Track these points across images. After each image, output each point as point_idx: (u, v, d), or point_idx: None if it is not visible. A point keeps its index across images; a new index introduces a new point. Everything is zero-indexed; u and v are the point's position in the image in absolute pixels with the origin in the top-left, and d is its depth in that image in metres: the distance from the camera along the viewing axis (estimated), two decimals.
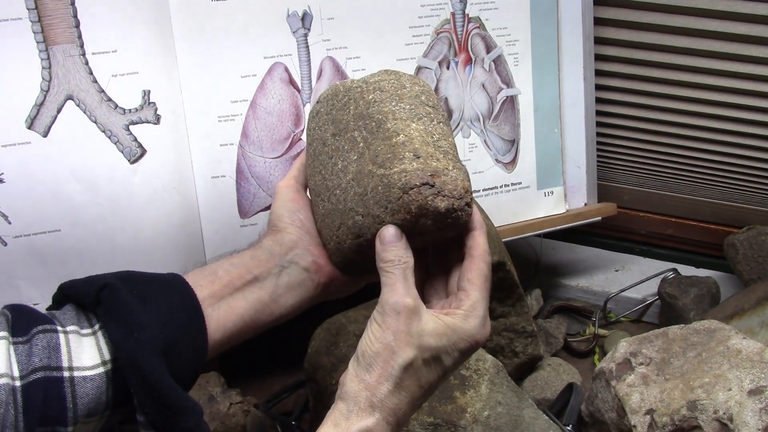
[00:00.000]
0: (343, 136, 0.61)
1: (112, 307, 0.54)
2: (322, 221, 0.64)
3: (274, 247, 0.63)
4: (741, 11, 0.92)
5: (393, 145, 0.56)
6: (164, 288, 0.58)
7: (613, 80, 1.07)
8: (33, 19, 0.73)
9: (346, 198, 0.60)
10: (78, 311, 0.55)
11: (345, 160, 0.60)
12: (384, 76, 0.61)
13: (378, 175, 0.56)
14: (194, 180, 0.83)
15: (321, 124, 0.64)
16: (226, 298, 0.60)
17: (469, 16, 0.95)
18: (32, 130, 0.75)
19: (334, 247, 0.62)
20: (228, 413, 0.85)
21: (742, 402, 0.65)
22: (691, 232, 1.18)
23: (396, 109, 0.58)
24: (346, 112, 0.61)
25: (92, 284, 0.55)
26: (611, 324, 1.12)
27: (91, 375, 0.52)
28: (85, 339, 0.53)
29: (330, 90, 0.64)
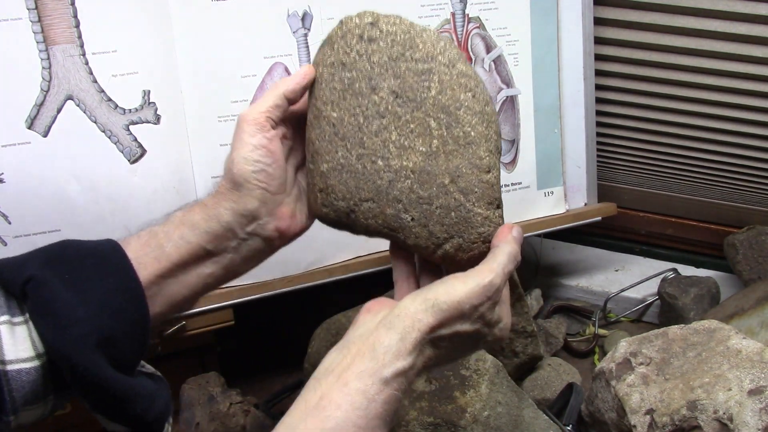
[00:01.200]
0: (411, 110, 0.56)
1: (39, 302, 0.50)
2: (330, 167, 0.57)
3: (235, 219, 0.56)
4: (741, 11, 0.92)
5: (483, 181, 0.56)
6: (101, 268, 0.53)
7: (613, 80, 1.07)
8: (33, 19, 0.73)
9: (394, 182, 0.56)
10: (8, 297, 0.52)
11: (406, 139, 0.56)
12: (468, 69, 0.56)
13: (457, 199, 0.56)
14: (194, 180, 0.83)
15: (373, 57, 0.56)
16: (176, 275, 0.56)
17: (469, 16, 0.95)
18: (32, 130, 0.75)
19: (338, 205, 0.58)
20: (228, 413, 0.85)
21: (742, 402, 0.65)
22: (691, 232, 1.18)
23: (487, 133, 0.56)
24: (424, 85, 0.56)
25: (18, 274, 0.51)
26: (611, 324, 1.12)
27: (26, 368, 0.50)
28: (17, 329, 0.50)
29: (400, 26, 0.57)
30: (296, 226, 0.60)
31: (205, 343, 0.95)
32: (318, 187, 0.58)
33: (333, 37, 0.58)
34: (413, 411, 0.73)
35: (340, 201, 0.57)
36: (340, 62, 0.57)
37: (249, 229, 0.58)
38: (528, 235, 1.03)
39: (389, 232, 0.57)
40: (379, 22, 0.56)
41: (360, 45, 0.56)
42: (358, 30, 0.57)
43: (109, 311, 0.52)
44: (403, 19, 0.57)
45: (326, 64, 0.57)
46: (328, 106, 0.57)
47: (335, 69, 0.57)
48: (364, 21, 0.57)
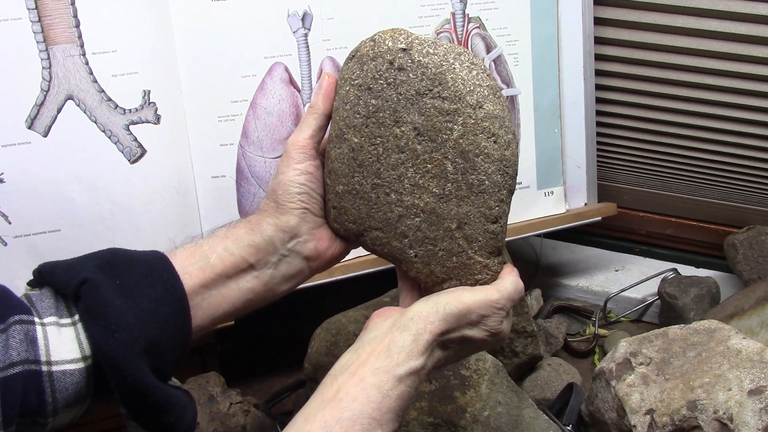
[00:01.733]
0: (430, 150, 0.56)
1: (92, 305, 0.52)
2: (345, 189, 0.59)
3: (276, 234, 0.59)
4: (741, 11, 0.92)
5: (489, 231, 0.57)
6: (149, 277, 0.55)
7: (613, 80, 1.07)
8: (33, 19, 0.73)
9: (403, 218, 0.58)
10: (57, 298, 0.53)
11: (422, 178, 0.57)
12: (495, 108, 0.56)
13: (460, 245, 0.57)
14: (194, 180, 0.83)
15: (401, 88, 0.56)
16: (217, 287, 0.58)
17: (469, 16, 0.95)
18: (32, 130, 0.75)
19: (349, 227, 0.60)
20: (228, 413, 0.85)
21: (742, 402, 0.65)
22: (691, 232, 1.18)
23: (501, 182, 0.57)
24: (447, 126, 0.56)
25: (72, 275, 0.53)
26: (611, 324, 1.12)
27: (71, 369, 0.51)
28: (64, 330, 0.52)
29: (434, 56, 0.56)
30: (334, 250, 0.63)
31: (205, 343, 0.95)
32: (332, 204, 0.60)
33: (364, 56, 0.58)
34: (413, 411, 0.73)
35: (351, 223, 0.60)
36: (367, 87, 0.57)
37: (289, 246, 0.60)
38: (528, 235, 1.03)
39: (393, 261, 0.60)
40: (413, 49, 0.56)
41: (389, 73, 0.56)
42: (389, 55, 0.56)
43: (156, 319, 0.53)
44: (437, 47, 0.56)
45: (353, 83, 0.58)
46: (351, 131, 0.58)
47: (362, 92, 0.57)
48: (397, 45, 0.56)
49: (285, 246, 0.60)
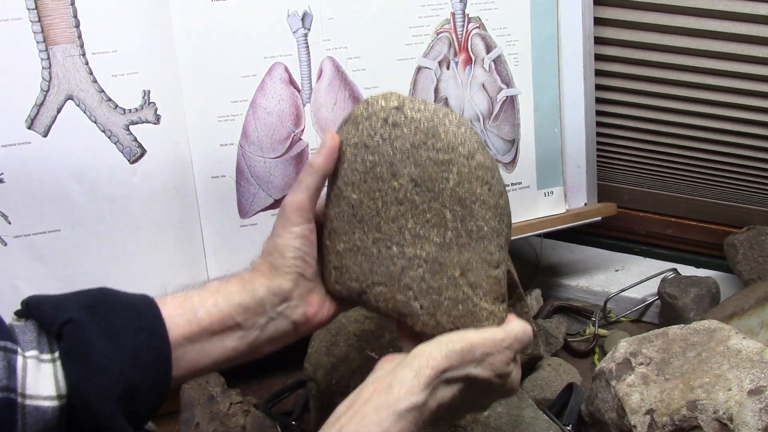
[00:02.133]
0: (429, 200, 0.57)
1: (74, 345, 0.51)
2: (346, 247, 0.59)
3: (267, 296, 0.58)
4: (741, 11, 0.92)
5: (491, 277, 0.58)
6: (135, 322, 0.54)
7: (613, 80, 1.07)
8: (33, 19, 0.73)
9: (406, 270, 0.58)
10: (40, 333, 0.52)
11: (422, 228, 0.58)
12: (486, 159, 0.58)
13: (465, 293, 0.57)
14: (194, 180, 0.83)
15: (396, 142, 0.58)
16: (202, 341, 0.57)
17: (469, 16, 0.95)
18: (32, 130, 0.75)
19: (351, 285, 0.60)
20: (228, 413, 0.85)
21: (742, 402, 0.65)
22: (691, 232, 1.18)
23: (499, 228, 0.58)
24: (443, 176, 0.57)
25: (58, 313, 0.52)
26: (611, 324, 1.12)
27: (44, 406, 0.50)
28: (43, 366, 0.51)
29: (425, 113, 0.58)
30: (323, 315, 0.62)
31: None
32: (333, 264, 0.60)
33: (358, 117, 0.59)
34: None
35: (353, 282, 0.60)
36: (363, 144, 0.58)
37: (279, 309, 0.59)
38: (528, 235, 1.03)
39: (398, 316, 0.59)
40: (405, 107, 0.58)
41: (384, 129, 0.58)
42: (383, 113, 0.58)
43: (136, 366, 0.53)
44: (427, 104, 0.58)
45: (350, 143, 0.59)
46: (349, 187, 0.59)
47: (358, 150, 0.58)
48: (390, 104, 0.58)
49: (275, 309, 0.59)
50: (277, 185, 0.87)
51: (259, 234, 0.87)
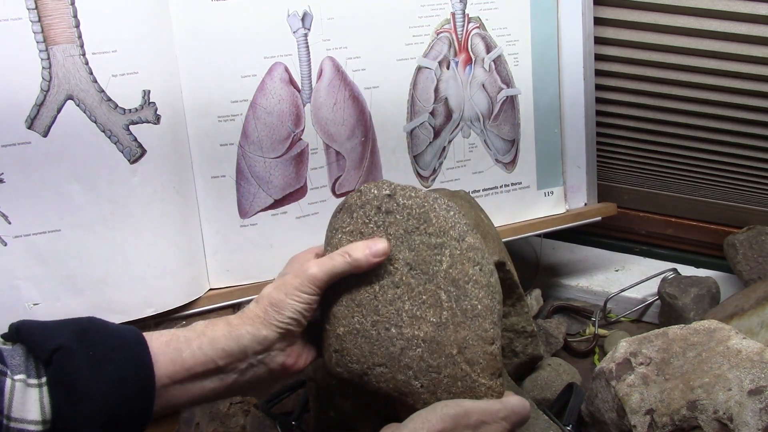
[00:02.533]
0: (424, 282, 0.60)
1: (61, 372, 0.53)
2: (346, 330, 0.62)
3: (251, 345, 0.60)
4: (741, 11, 0.92)
5: (488, 353, 0.60)
6: (122, 352, 0.56)
7: (613, 80, 1.07)
8: (33, 19, 0.73)
9: (406, 350, 0.60)
10: (28, 357, 0.54)
11: (419, 309, 0.60)
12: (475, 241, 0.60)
13: (463, 369, 0.59)
14: (194, 180, 0.83)
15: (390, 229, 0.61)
16: (182, 382, 0.59)
17: (469, 16, 0.95)
18: (32, 130, 0.75)
19: (352, 368, 0.62)
20: (228, 413, 0.85)
21: (742, 402, 0.65)
22: (691, 232, 1.18)
23: (491, 305, 0.60)
24: (436, 258, 0.60)
25: (48, 340, 0.54)
26: (611, 324, 1.12)
27: (28, 430, 0.51)
28: (30, 390, 0.52)
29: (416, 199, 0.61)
30: (299, 365, 0.64)
31: None
32: (333, 348, 0.62)
33: (352, 205, 0.62)
34: None
35: (354, 364, 0.62)
36: (358, 231, 0.61)
37: (260, 357, 0.61)
38: (528, 235, 1.03)
39: (399, 396, 0.61)
40: (396, 194, 0.61)
41: (378, 216, 0.61)
42: (376, 201, 0.61)
43: (120, 396, 0.54)
44: (417, 191, 0.61)
45: (344, 231, 0.62)
46: None
47: (354, 238, 0.62)
48: (383, 192, 0.61)
49: (256, 356, 0.61)
50: (277, 185, 0.87)
51: (259, 234, 0.87)
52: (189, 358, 0.58)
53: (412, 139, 0.95)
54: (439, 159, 0.98)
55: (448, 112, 0.96)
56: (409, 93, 0.93)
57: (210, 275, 0.87)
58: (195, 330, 0.60)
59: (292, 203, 0.89)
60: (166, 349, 0.58)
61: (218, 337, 0.60)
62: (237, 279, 0.88)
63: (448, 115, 0.97)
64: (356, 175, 0.92)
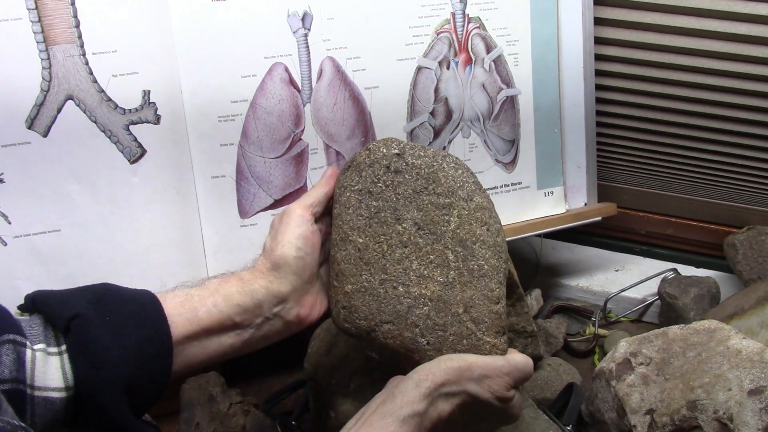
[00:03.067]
0: (431, 242, 0.61)
1: (81, 340, 0.53)
2: (354, 288, 0.62)
3: (266, 298, 0.61)
4: (741, 11, 0.92)
5: (493, 312, 0.61)
6: (138, 317, 0.57)
7: (613, 80, 1.07)
8: (33, 19, 0.73)
9: (412, 308, 0.61)
10: (46, 327, 0.55)
11: (426, 269, 0.61)
12: (483, 201, 0.62)
13: (469, 328, 0.61)
14: (194, 180, 0.83)
15: (399, 189, 0.62)
16: (200, 340, 0.60)
17: (469, 16, 0.95)
18: (32, 130, 0.75)
19: (360, 324, 0.62)
20: (228, 413, 0.85)
21: (742, 402, 0.65)
22: (691, 232, 1.18)
23: (498, 265, 0.62)
24: (444, 219, 0.61)
25: (65, 308, 0.54)
26: (611, 324, 1.12)
27: (52, 397, 0.53)
28: (51, 358, 0.53)
29: (425, 158, 0.62)
30: (313, 316, 0.65)
31: None
32: (341, 305, 0.63)
33: (361, 163, 0.63)
34: None
35: (362, 320, 0.62)
36: (367, 190, 0.62)
37: (275, 310, 0.62)
38: (528, 235, 1.03)
39: (405, 352, 0.62)
40: (405, 153, 0.62)
41: (387, 176, 0.62)
42: (385, 160, 0.62)
43: (140, 359, 0.55)
44: (426, 150, 0.62)
45: (353, 189, 0.63)
46: (355, 232, 0.62)
47: (362, 196, 0.62)
48: (391, 151, 0.62)
49: (271, 310, 0.62)
50: (277, 185, 0.87)
51: (259, 234, 0.87)
52: (205, 317, 0.59)
53: (412, 139, 0.95)
54: None
55: (448, 112, 0.96)
56: (409, 93, 0.93)
57: (210, 275, 0.87)
58: (208, 288, 0.61)
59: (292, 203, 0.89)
60: (182, 309, 0.59)
61: (232, 293, 0.60)
62: None
63: (448, 115, 0.97)
64: None
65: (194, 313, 0.59)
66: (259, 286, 0.61)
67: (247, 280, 0.62)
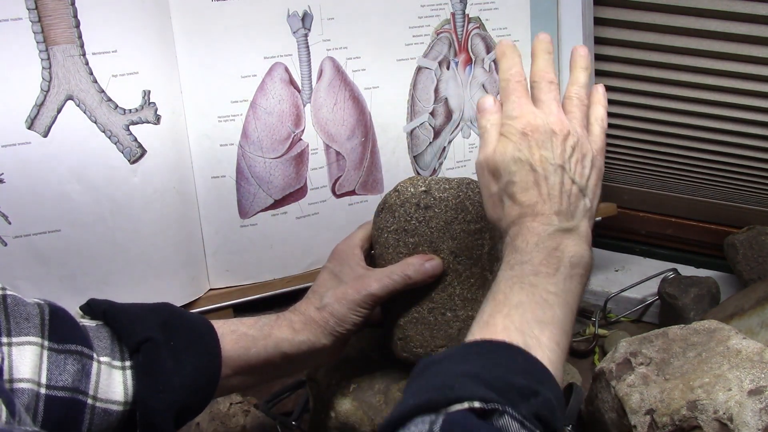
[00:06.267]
0: (469, 267, 0.64)
1: (148, 362, 0.57)
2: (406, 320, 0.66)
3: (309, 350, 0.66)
4: (741, 11, 0.92)
5: None
6: (198, 347, 0.61)
7: (613, 80, 1.07)
8: (33, 19, 0.73)
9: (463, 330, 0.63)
10: (113, 340, 0.58)
11: (469, 292, 0.64)
12: None
13: None
14: (194, 180, 0.83)
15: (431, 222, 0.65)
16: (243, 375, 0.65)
17: (469, 16, 0.95)
18: (32, 130, 0.75)
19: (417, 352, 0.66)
20: (228, 413, 0.85)
21: (742, 402, 0.65)
22: (691, 232, 1.18)
23: None
24: (477, 243, 0.65)
25: (137, 329, 0.58)
26: (611, 324, 1.12)
27: (112, 409, 0.56)
28: (114, 372, 0.57)
29: (450, 191, 0.65)
30: (337, 357, 0.72)
31: None
32: (397, 337, 0.67)
33: (393, 205, 0.66)
34: None
35: (419, 348, 0.66)
36: (402, 229, 0.65)
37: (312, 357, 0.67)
38: None
39: None
40: (432, 189, 0.65)
41: (418, 213, 0.65)
42: (414, 199, 0.65)
43: (192, 387, 0.59)
44: (450, 182, 0.66)
45: (390, 230, 0.66)
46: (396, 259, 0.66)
47: (399, 235, 0.66)
48: (419, 189, 0.65)
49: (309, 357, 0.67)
50: (277, 185, 0.87)
51: (259, 234, 0.87)
52: (254, 357, 0.64)
53: (412, 139, 0.95)
54: (439, 159, 0.98)
55: (448, 113, 0.96)
56: (409, 93, 0.93)
57: (210, 275, 0.87)
58: (262, 330, 0.65)
59: (292, 203, 0.89)
60: (236, 346, 0.64)
61: (281, 341, 0.65)
62: (237, 279, 0.88)
63: (448, 116, 0.97)
64: (356, 176, 0.92)
65: (246, 351, 0.64)
66: (305, 339, 0.65)
67: (297, 330, 0.66)
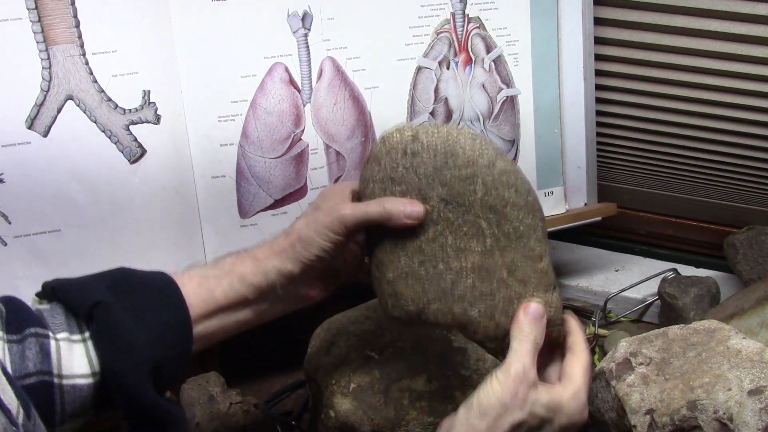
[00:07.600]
0: (462, 214, 0.60)
1: (104, 326, 0.55)
2: (395, 275, 0.62)
3: (279, 279, 0.62)
4: (741, 11, 0.92)
5: (538, 270, 0.61)
6: (158, 300, 0.58)
7: (613, 80, 1.07)
8: (33, 19, 0.73)
9: (456, 282, 0.60)
10: (68, 315, 0.56)
11: (461, 241, 0.60)
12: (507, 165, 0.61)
13: (517, 290, 0.60)
14: (194, 180, 0.83)
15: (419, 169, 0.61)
16: (217, 317, 0.62)
17: (469, 16, 0.95)
18: (32, 130, 0.75)
19: (408, 309, 0.62)
20: (228, 413, 0.85)
21: (742, 402, 0.65)
22: (691, 232, 1.18)
23: (534, 224, 0.61)
24: (469, 189, 0.60)
25: (86, 296, 0.55)
26: (611, 324, 1.12)
27: (80, 384, 0.54)
28: (75, 346, 0.55)
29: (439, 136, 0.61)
30: (321, 294, 0.67)
31: None
32: (387, 293, 0.63)
33: (378, 154, 0.62)
34: (413, 411, 0.73)
35: (410, 305, 0.62)
36: (389, 178, 0.61)
37: (286, 289, 0.63)
38: None
39: (459, 327, 0.61)
40: (419, 135, 0.61)
41: (405, 159, 0.61)
42: (401, 146, 0.61)
43: (162, 342, 0.57)
44: (440, 128, 0.61)
45: (376, 180, 0.62)
46: None
47: (386, 184, 0.61)
48: (405, 136, 0.61)
49: (283, 288, 0.63)
50: (277, 185, 0.87)
51: (259, 234, 0.87)
52: (221, 297, 0.61)
53: None
54: None
55: (448, 113, 0.96)
56: (409, 93, 0.93)
57: None
58: (223, 268, 0.62)
59: (292, 203, 0.89)
60: (198, 290, 0.60)
61: (246, 273, 0.62)
62: None
63: (448, 116, 0.97)
64: (356, 176, 0.92)
65: (211, 294, 0.61)
66: (271, 266, 0.62)
67: (261, 259, 0.62)
